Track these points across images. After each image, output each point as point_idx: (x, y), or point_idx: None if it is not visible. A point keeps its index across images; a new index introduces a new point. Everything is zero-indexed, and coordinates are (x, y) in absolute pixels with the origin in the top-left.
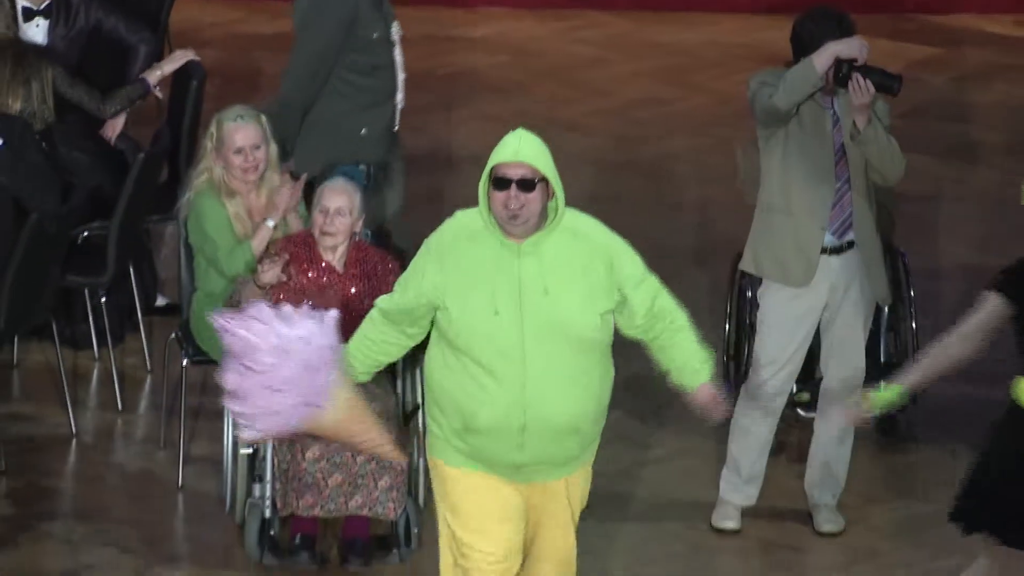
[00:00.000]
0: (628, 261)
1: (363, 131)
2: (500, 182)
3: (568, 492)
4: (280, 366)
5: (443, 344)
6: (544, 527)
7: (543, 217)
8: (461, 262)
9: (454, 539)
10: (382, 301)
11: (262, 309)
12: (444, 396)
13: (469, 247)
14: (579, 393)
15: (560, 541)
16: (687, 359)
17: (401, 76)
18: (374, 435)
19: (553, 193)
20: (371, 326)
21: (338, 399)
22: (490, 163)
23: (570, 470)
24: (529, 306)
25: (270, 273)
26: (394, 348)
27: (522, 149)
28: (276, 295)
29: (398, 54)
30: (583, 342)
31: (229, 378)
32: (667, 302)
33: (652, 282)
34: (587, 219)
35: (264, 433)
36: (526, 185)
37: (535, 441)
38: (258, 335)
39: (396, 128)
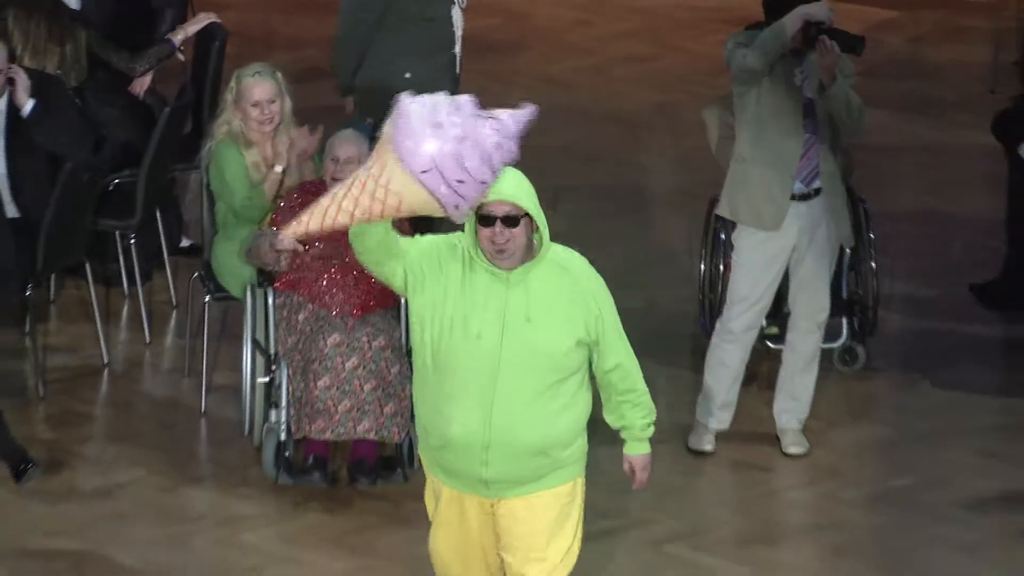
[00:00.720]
0: (610, 313)
1: (407, 75)
2: (486, 219)
3: (540, 514)
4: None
5: (424, 364)
6: (512, 549)
7: (529, 249)
8: (455, 282)
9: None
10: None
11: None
12: (424, 414)
13: (467, 272)
14: (547, 416)
15: (526, 567)
16: (634, 423)
17: (459, 31)
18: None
19: (537, 226)
20: (385, 226)
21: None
22: None
23: (537, 488)
24: (510, 332)
25: (288, 240)
26: (378, 249)
27: (504, 188)
28: (294, 257)
29: (456, 12)
30: (559, 369)
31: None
32: (631, 363)
33: (624, 340)
34: (577, 256)
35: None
36: (510, 221)
37: (499, 459)
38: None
39: (456, 78)
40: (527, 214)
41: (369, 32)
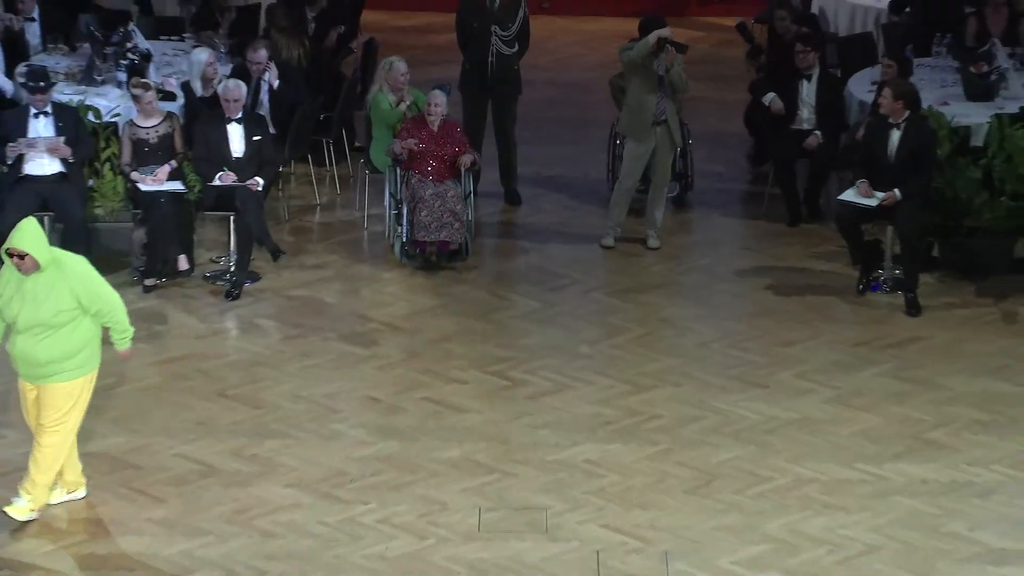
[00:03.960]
0: (88, 284)
1: (467, 66)
2: (7, 255)
3: (53, 395)
4: None
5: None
6: (39, 416)
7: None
8: (13, 282)
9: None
10: None
11: None
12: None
13: (12, 273)
14: (43, 347)
15: (39, 430)
16: (116, 338)
17: (496, 49)
18: None
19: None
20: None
21: None
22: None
23: (49, 382)
24: (23, 301)
25: (408, 146)
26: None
27: (14, 239)
28: (418, 154)
29: (495, 39)
30: (48, 325)
31: None
32: (109, 306)
33: (101, 296)
34: (72, 257)
35: None
36: (21, 257)
37: (24, 366)
38: None
39: (487, 77)
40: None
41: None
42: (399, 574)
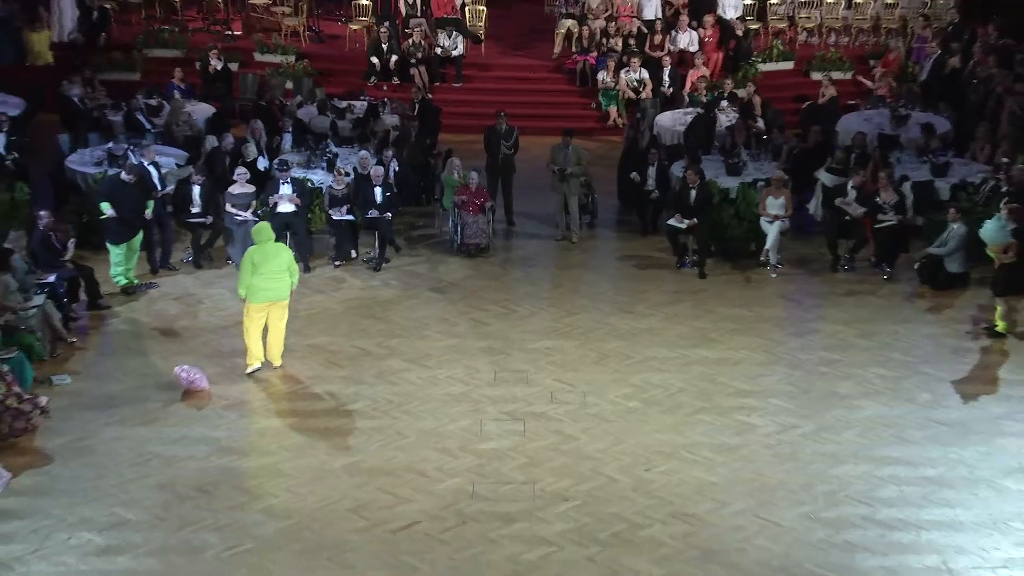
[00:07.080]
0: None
1: (488, 160)
2: None
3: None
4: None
5: None
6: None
7: None
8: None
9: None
10: None
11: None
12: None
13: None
14: (284, 284)
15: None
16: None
17: (503, 152)
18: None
19: None
20: None
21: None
22: None
23: (284, 299)
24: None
25: (462, 199)
26: None
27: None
28: (465, 202)
29: (503, 147)
30: (284, 270)
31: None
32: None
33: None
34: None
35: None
36: None
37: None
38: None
39: (498, 167)
40: None
41: (486, 145)
42: (456, 402)
